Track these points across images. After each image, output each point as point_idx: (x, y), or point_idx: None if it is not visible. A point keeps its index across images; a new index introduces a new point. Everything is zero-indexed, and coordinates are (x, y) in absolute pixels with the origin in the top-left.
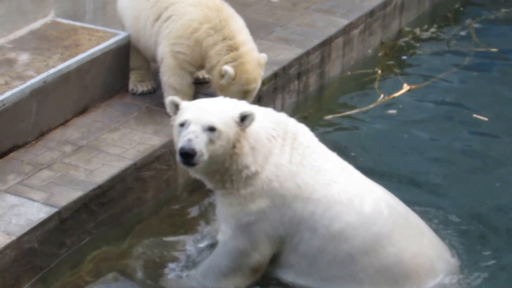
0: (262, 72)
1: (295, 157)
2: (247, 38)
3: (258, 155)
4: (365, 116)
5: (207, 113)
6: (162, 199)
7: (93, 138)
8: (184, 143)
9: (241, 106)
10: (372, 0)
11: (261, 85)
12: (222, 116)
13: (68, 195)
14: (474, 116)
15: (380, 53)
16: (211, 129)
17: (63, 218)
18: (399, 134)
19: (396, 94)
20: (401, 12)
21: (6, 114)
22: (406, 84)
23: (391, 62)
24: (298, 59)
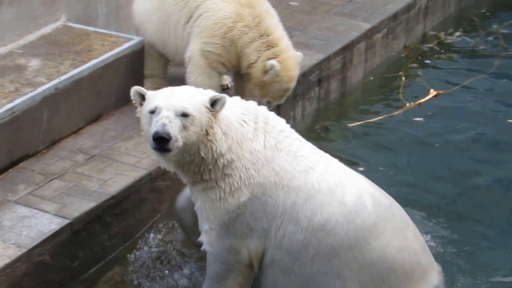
0: (299, 71)
1: (269, 141)
2: (284, 34)
3: (232, 142)
4: (390, 124)
5: (179, 99)
6: None
7: (106, 147)
8: (158, 128)
9: (209, 92)
10: (395, 3)
11: None
12: (194, 102)
13: (81, 206)
14: (509, 121)
15: (404, 58)
16: (184, 115)
17: (76, 230)
18: (428, 143)
19: (422, 100)
20: (426, 16)
21: (16, 122)
22: (433, 90)
23: (415, 66)
24: (319, 65)
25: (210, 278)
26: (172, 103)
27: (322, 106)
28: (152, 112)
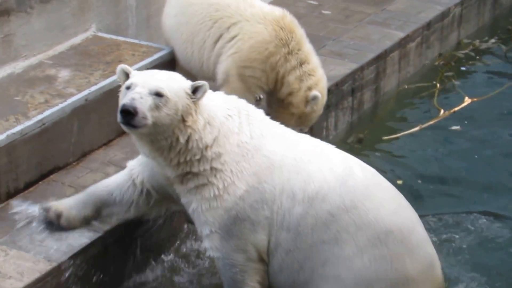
0: None
1: (255, 132)
2: (318, 60)
3: (219, 134)
4: (427, 133)
5: (156, 79)
6: None
7: None
8: (126, 101)
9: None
10: (429, 12)
11: None
12: (172, 85)
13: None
14: None
15: (439, 66)
16: (158, 94)
17: (106, 244)
18: (467, 151)
19: (458, 108)
20: (460, 24)
21: (46, 134)
22: (468, 97)
23: (450, 74)
24: (352, 74)
25: (228, 285)
26: (148, 81)
27: (356, 117)
28: (128, 88)
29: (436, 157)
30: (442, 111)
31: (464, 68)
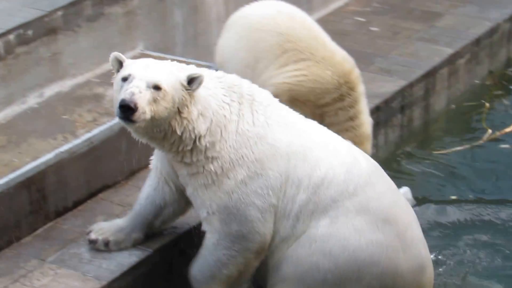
0: None
1: (259, 119)
2: (368, 118)
3: (211, 124)
4: (476, 152)
5: (154, 71)
6: None
7: None
8: (126, 96)
9: (188, 68)
10: (478, 28)
11: None
12: (169, 77)
13: (161, 238)
14: None
15: (488, 83)
16: (156, 88)
17: (156, 262)
18: None
19: (508, 130)
20: (509, 40)
21: (94, 153)
22: None
23: (500, 93)
24: (401, 91)
25: (206, 261)
26: (146, 74)
27: (405, 134)
28: (125, 80)
29: (486, 175)
30: (490, 132)
31: None
